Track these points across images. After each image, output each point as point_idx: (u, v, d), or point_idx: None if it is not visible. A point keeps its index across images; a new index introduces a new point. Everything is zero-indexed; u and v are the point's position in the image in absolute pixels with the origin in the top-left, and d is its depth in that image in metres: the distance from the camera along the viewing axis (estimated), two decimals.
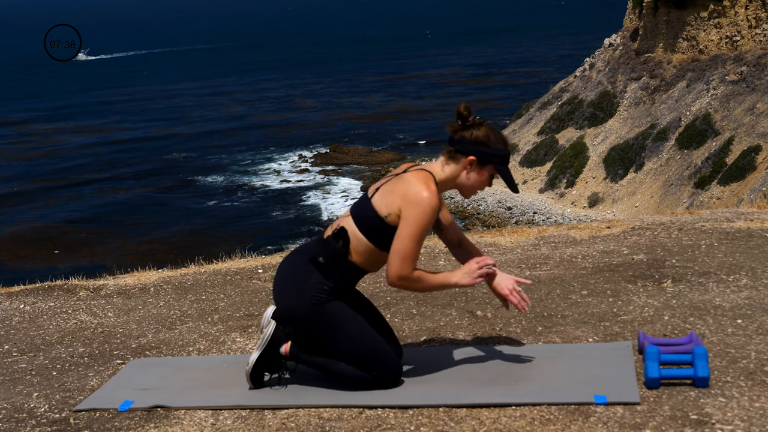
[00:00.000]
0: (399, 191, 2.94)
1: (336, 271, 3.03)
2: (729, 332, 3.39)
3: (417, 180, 2.94)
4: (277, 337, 3.15)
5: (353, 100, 65.33)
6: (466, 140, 3.00)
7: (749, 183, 28.67)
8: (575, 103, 39.41)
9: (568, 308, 3.92)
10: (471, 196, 3.10)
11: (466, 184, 3.05)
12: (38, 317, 4.57)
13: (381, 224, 2.97)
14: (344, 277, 3.06)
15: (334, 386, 3.14)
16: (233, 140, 52.33)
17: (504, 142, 3.04)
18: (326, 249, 3.03)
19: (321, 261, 3.01)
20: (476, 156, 2.99)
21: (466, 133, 3.00)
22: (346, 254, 3.02)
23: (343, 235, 3.01)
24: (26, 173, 45.82)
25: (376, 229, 2.99)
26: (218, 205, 39.32)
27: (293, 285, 3.06)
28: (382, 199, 2.98)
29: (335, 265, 3.03)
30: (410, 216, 2.90)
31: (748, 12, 34.56)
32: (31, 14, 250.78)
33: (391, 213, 2.95)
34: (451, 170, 3.04)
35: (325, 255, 3.02)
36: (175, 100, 68.93)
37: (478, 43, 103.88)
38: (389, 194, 2.97)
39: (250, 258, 5.82)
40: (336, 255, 3.01)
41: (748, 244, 4.89)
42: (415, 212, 2.89)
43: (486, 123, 3.03)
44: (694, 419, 2.66)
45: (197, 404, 3.07)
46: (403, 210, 2.91)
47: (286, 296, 3.07)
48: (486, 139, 3.00)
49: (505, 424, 2.74)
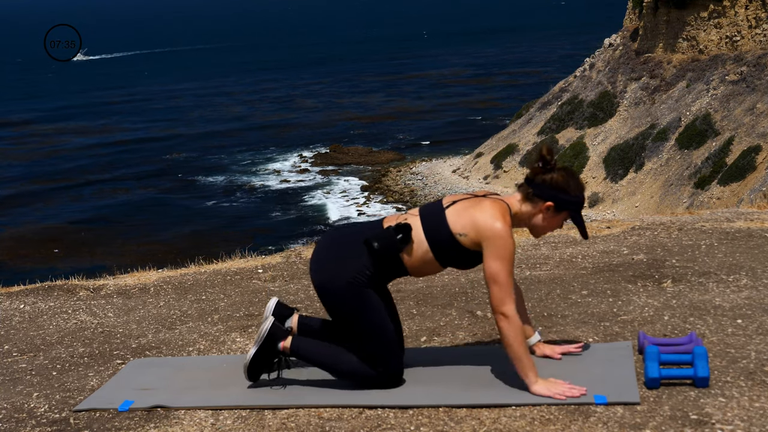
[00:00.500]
0: (475, 216, 2.93)
1: (383, 263, 3.02)
2: (729, 332, 3.39)
3: (494, 210, 2.93)
4: (274, 332, 3.15)
5: (353, 100, 65.33)
6: (546, 184, 3.00)
7: (749, 183, 28.67)
8: (575, 103, 39.40)
9: (568, 308, 3.92)
10: (540, 236, 3.12)
11: (539, 226, 3.06)
12: (38, 317, 4.57)
13: (450, 239, 2.97)
14: (387, 271, 3.05)
15: (334, 386, 3.14)
16: (233, 140, 52.32)
17: (581, 189, 3.03)
18: (384, 237, 2.99)
19: (375, 246, 2.98)
20: (554, 202, 3.00)
21: (546, 176, 3.01)
22: (400, 250, 3.00)
23: (405, 232, 2.99)
24: (27, 174, 45.82)
25: (442, 241, 2.98)
26: (218, 205, 39.32)
27: (339, 259, 3.04)
28: (457, 215, 2.97)
29: (385, 257, 3.00)
30: (495, 254, 2.89)
31: (748, 12, 34.55)
32: (31, 14, 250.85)
33: (466, 234, 2.94)
34: (527, 210, 3.03)
35: (381, 243, 2.99)
36: (175, 100, 68.92)
37: (478, 43, 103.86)
38: (465, 214, 2.96)
39: (250, 258, 5.82)
40: (391, 247, 2.99)
41: (748, 244, 4.89)
42: (498, 248, 2.89)
43: (566, 168, 3.03)
44: (694, 419, 2.66)
45: (197, 404, 3.07)
46: (484, 240, 2.91)
47: (329, 266, 3.05)
48: (565, 185, 2.99)
49: (505, 424, 2.74)
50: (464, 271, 4.80)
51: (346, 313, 3.04)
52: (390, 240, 2.98)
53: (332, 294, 3.04)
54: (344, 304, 3.03)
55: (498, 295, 2.89)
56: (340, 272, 3.01)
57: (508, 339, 2.90)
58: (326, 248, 3.12)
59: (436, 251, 3.00)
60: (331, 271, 3.03)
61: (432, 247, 2.99)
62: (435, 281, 4.66)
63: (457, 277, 4.69)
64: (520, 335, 2.91)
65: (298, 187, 42.03)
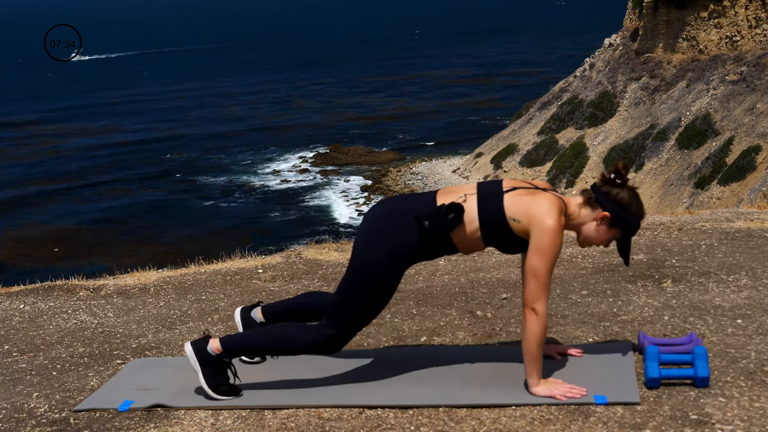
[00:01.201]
0: (532, 206, 2.90)
1: (431, 241, 2.97)
2: (729, 332, 3.39)
3: (552, 205, 2.89)
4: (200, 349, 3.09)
5: (353, 101, 65.31)
6: (611, 196, 2.97)
7: (749, 183, 28.66)
8: (575, 103, 39.40)
9: (568, 308, 3.92)
10: (585, 246, 3.09)
11: (588, 234, 3.03)
12: (38, 317, 4.57)
13: (503, 223, 2.93)
14: (433, 249, 3.01)
15: (334, 386, 3.14)
16: (233, 140, 52.31)
17: (642, 214, 3.00)
18: (436, 217, 2.93)
19: (425, 225, 2.93)
20: (611, 214, 2.97)
21: (613, 189, 2.98)
22: (450, 230, 2.95)
23: (458, 212, 2.93)
24: (27, 174, 45.81)
25: (494, 224, 2.94)
26: (218, 206, 39.32)
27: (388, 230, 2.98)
28: (514, 201, 2.93)
29: (434, 235, 2.96)
30: (539, 250, 2.87)
31: (748, 12, 34.54)
32: (31, 14, 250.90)
33: (519, 221, 2.91)
34: (584, 214, 3.01)
35: (432, 222, 2.93)
36: (175, 100, 68.89)
37: (478, 43, 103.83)
38: (522, 200, 2.92)
39: (250, 258, 5.81)
40: (442, 227, 2.93)
41: (748, 244, 4.89)
42: (545, 245, 2.87)
43: (635, 189, 3.01)
44: (694, 419, 2.66)
45: (197, 404, 3.07)
46: (533, 232, 2.89)
47: (374, 238, 2.99)
48: (629, 204, 2.96)
49: (505, 424, 2.74)
50: (464, 272, 4.80)
51: (363, 277, 2.99)
52: (441, 219, 2.93)
53: (366, 259, 2.98)
54: (368, 270, 2.98)
55: (533, 290, 2.87)
56: (386, 242, 2.97)
57: (530, 335, 2.88)
58: (375, 219, 3.04)
59: (485, 232, 2.96)
60: (377, 241, 2.98)
61: (482, 227, 2.95)
62: (435, 281, 4.66)
63: (457, 277, 4.69)
64: (543, 336, 2.89)
65: (298, 188, 42.03)
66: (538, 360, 2.91)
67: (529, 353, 2.91)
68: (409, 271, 4.92)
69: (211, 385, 3.08)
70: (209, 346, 3.09)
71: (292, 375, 3.29)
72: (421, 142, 49.78)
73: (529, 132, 40.58)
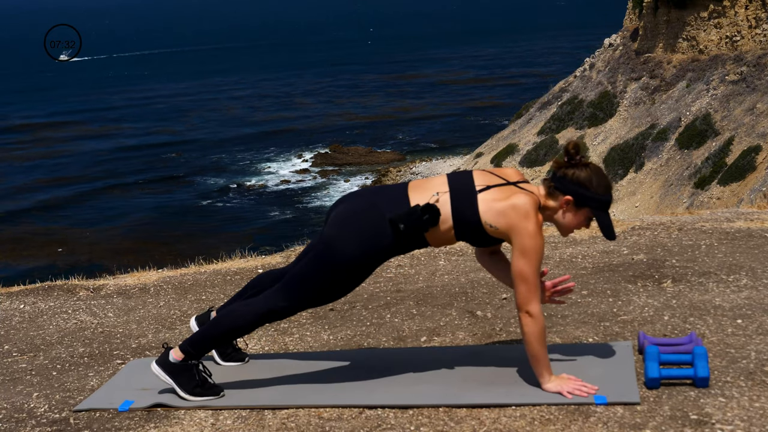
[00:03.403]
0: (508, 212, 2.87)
1: (405, 240, 2.98)
2: (729, 332, 3.39)
3: (528, 207, 2.86)
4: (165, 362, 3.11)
5: (353, 100, 65.30)
6: (567, 179, 2.94)
7: (749, 183, 28.65)
8: (575, 103, 39.39)
9: (568, 308, 3.92)
10: (567, 234, 3.06)
11: (561, 223, 3.01)
12: (38, 317, 4.57)
13: (477, 226, 2.93)
14: (406, 245, 3.01)
15: (334, 386, 3.14)
16: (233, 140, 52.31)
17: (606, 188, 2.96)
18: (410, 218, 2.92)
19: (401, 228, 2.93)
20: (573, 197, 2.94)
21: (568, 171, 2.95)
22: (425, 231, 2.94)
23: (433, 213, 2.92)
24: (27, 174, 45.82)
25: (469, 225, 2.93)
26: (218, 206, 39.32)
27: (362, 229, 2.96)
28: (489, 206, 2.91)
29: (409, 235, 2.96)
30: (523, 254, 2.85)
31: (748, 12, 34.54)
32: (31, 14, 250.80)
33: (497, 228, 2.89)
34: (551, 205, 2.99)
35: (407, 224, 2.93)
36: (175, 100, 68.88)
37: (478, 43, 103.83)
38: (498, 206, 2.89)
39: (250, 258, 5.81)
40: (416, 228, 2.93)
41: (748, 244, 4.89)
42: (529, 243, 2.85)
43: (593, 165, 2.97)
44: (694, 419, 2.66)
45: (197, 404, 3.07)
46: (514, 237, 2.87)
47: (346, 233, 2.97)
48: (587, 181, 2.93)
49: (505, 424, 2.73)
50: (464, 272, 4.80)
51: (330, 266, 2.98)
52: (415, 221, 2.92)
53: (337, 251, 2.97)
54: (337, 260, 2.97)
55: (524, 294, 2.88)
56: (359, 240, 2.95)
57: (530, 337, 2.89)
58: (349, 213, 3.01)
59: (458, 230, 2.96)
60: (348, 238, 2.96)
61: (456, 227, 2.95)
62: (435, 281, 4.66)
63: (457, 277, 4.69)
64: (542, 335, 2.89)
65: (298, 188, 42.03)
66: (544, 359, 2.92)
67: (533, 355, 2.91)
68: (410, 270, 4.92)
69: (186, 390, 3.09)
70: (171, 356, 3.11)
71: (292, 375, 3.29)
72: (421, 142, 49.78)
73: (529, 132, 40.57)
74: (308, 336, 3.88)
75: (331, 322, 4.05)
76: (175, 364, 3.10)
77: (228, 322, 3.11)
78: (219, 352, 3.49)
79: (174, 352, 3.12)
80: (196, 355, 3.12)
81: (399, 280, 4.75)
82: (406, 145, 49.01)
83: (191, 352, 3.11)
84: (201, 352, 3.13)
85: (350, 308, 4.25)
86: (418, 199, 2.96)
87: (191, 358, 3.11)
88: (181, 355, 3.11)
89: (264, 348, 3.77)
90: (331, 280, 3.00)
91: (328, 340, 3.80)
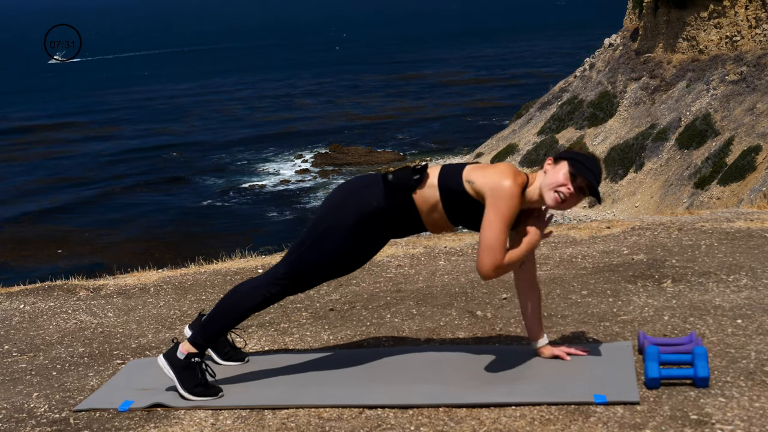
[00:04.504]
0: (487, 170, 2.98)
1: (395, 199, 3.03)
2: (729, 332, 3.39)
3: (508, 170, 2.97)
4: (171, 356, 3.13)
5: (353, 100, 65.30)
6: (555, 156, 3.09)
7: (749, 183, 28.65)
8: (575, 103, 39.40)
9: (568, 308, 3.92)
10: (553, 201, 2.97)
11: (544, 184, 3.00)
12: (38, 317, 4.57)
13: (457, 186, 2.99)
14: (398, 212, 3.05)
15: (334, 386, 3.14)
16: (233, 140, 52.31)
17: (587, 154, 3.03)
18: (400, 174, 3.04)
19: (390, 179, 3.02)
20: (553, 157, 3.05)
21: None
22: (413, 188, 3.02)
23: (421, 173, 3.02)
24: (27, 174, 45.82)
25: (451, 188, 3.00)
26: (218, 206, 39.32)
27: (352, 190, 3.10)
28: (473, 169, 3.03)
29: (398, 192, 3.02)
30: (494, 204, 2.93)
31: (748, 12, 34.54)
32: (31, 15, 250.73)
33: (473, 182, 2.97)
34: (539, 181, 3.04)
35: (396, 176, 3.03)
36: (174, 100, 68.88)
37: (478, 43, 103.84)
38: (480, 168, 3.01)
39: (250, 258, 5.82)
40: (405, 182, 3.02)
41: (748, 244, 4.89)
42: (498, 199, 2.92)
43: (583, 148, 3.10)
44: (694, 419, 2.66)
45: (197, 404, 3.07)
46: (486, 195, 2.94)
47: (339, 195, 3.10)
48: (569, 149, 3.09)
49: (505, 424, 2.73)
50: (464, 272, 4.80)
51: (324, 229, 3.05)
52: (405, 176, 3.02)
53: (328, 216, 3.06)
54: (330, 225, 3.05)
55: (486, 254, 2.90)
56: (351, 203, 3.04)
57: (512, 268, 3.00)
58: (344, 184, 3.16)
59: (445, 199, 3.01)
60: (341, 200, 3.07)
61: (441, 193, 3.00)
62: (435, 281, 4.66)
63: (457, 277, 4.69)
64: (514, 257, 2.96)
65: (298, 188, 42.03)
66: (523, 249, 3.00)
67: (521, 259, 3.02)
68: (410, 270, 4.92)
69: (186, 387, 3.10)
70: (179, 350, 3.13)
71: (292, 375, 3.29)
72: (421, 142, 49.78)
73: (529, 132, 40.58)
74: (308, 336, 3.88)
75: (331, 322, 4.05)
76: (181, 359, 3.11)
77: (236, 304, 3.13)
78: (218, 352, 3.49)
79: (183, 346, 3.14)
80: (203, 345, 3.13)
81: (399, 280, 4.75)
82: (406, 145, 49.01)
83: (199, 341, 3.13)
84: (209, 340, 3.14)
85: (350, 308, 4.25)
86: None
87: (199, 349, 3.13)
88: (191, 348, 3.12)
89: (264, 348, 3.77)
90: (328, 246, 3.05)
91: (328, 340, 3.80)
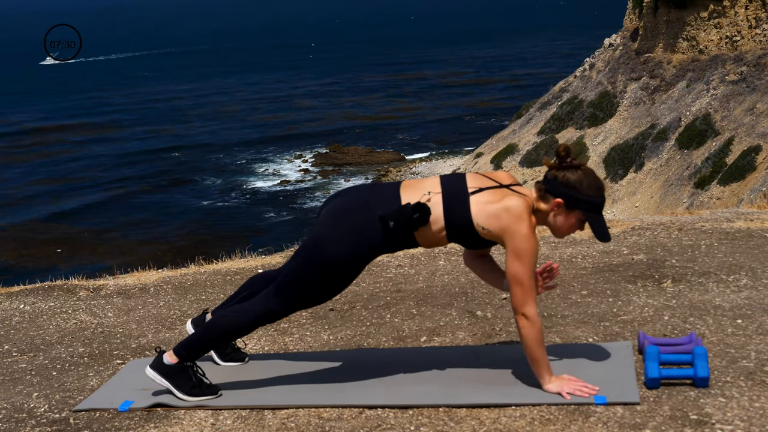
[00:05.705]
0: (501, 214, 2.86)
1: (395, 238, 2.96)
2: (729, 332, 3.39)
3: (520, 209, 2.86)
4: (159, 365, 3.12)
5: (353, 100, 65.28)
6: (558, 181, 2.92)
7: (749, 183, 28.65)
8: (575, 103, 39.39)
9: (568, 308, 3.92)
10: (562, 237, 3.02)
11: (554, 225, 2.98)
12: (38, 317, 4.57)
13: (469, 229, 2.92)
14: (396, 244, 2.99)
15: (334, 386, 3.14)
16: (233, 140, 52.29)
17: (598, 190, 2.92)
18: (400, 216, 2.90)
19: (391, 225, 2.91)
20: (564, 199, 2.92)
21: (559, 173, 2.93)
22: (415, 230, 2.93)
23: (424, 212, 2.90)
24: (27, 174, 45.81)
25: (461, 227, 2.92)
26: (218, 206, 39.31)
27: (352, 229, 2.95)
28: (482, 208, 2.90)
29: (399, 233, 2.94)
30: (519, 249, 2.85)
31: (748, 12, 34.53)
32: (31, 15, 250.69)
33: (489, 231, 2.89)
34: (543, 207, 2.97)
35: (397, 222, 2.90)
36: (174, 100, 68.85)
37: (478, 43, 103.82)
38: (491, 208, 2.88)
39: (250, 258, 5.81)
40: (406, 226, 2.92)
41: (748, 244, 4.89)
42: (523, 246, 2.84)
43: (584, 167, 2.93)
44: (694, 419, 2.66)
45: (196, 404, 3.07)
46: (507, 240, 2.86)
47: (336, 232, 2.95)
48: (577, 183, 2.89)
49: (505, 424, 2.73)
50: (464, 272, 4.80)
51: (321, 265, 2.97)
52: (406, 219, 2.90)
53: (327, 251, 2.96)
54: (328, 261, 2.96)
55: (520, 296, 2.87)
56: (350, 239, 2.94)
57: (528, 340, 2.88)
58: (339, 211, 3.00)
59: (450, 232, 2.95)
60: (338, 237, 2.94)
61: (448, 228, 2.94)
62: (435, 281, 4.66)
63: (457, 277, 4.69)
64: (540, 336, 2.89)
65: (298, 188, 42.02)
66: (544, 360, 2.91)
67: (532, 357, 2.91)
68: (410, 270, 4.92)
69: (183, 391, 3.10)
70: (165, 359, 3.12)
71: (292, 375, 3.29)
72: (421, 142, 49.77)
73: (529, 132, 40.57)
74: (308, 336, 3.88)
75: (331, 322, 4.05)
76: (171, 366, 3.11)
77: (223, 325, 3.11)
78: (218, 353, 3.49)
79: (168, 355, 3.13)
80: (190, 358, 3.12)
81: (399, 280, 4.75)
82: (406, 145, 48.99)
83: (185, 355, 3.11)
84: (195, 355, 3.13)
85: (350, 308, 4.25)
86: (409, 198, 2.95)
87: (185, 361, 3.12)
88: (176, 358, 3.11)
89: (264, 348, 3.77)
90: (324, 279, 3.00)
91: (328, 340, 3.79)
